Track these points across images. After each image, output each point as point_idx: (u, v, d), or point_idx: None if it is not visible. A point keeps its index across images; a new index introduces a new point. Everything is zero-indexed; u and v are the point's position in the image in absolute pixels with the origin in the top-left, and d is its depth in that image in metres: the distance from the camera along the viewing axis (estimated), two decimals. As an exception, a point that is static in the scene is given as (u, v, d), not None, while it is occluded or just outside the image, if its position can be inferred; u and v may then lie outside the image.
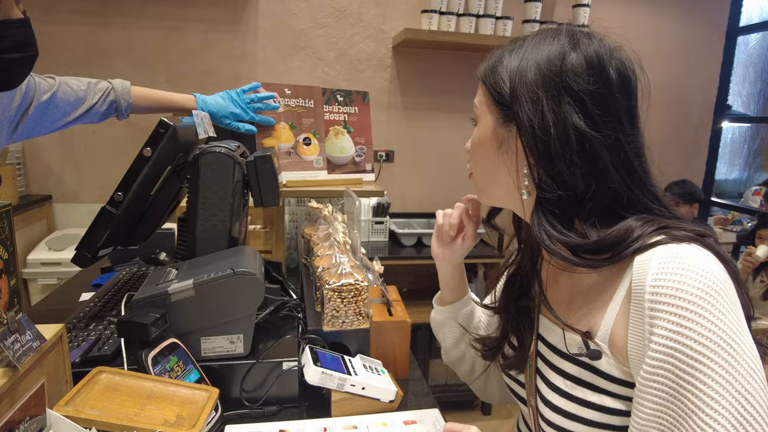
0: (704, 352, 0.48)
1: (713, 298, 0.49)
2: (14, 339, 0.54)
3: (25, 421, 0.54)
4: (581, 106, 0.59)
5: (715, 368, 0.47)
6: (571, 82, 0.59)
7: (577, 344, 0.60)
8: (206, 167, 0.93)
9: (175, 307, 0.80)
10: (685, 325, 0.49)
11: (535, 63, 0.61)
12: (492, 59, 0.66)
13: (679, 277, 0.50)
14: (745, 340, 0.49)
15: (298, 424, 0.82)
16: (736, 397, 0.47)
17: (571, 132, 0.58)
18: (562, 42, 0.62)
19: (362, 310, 0.93)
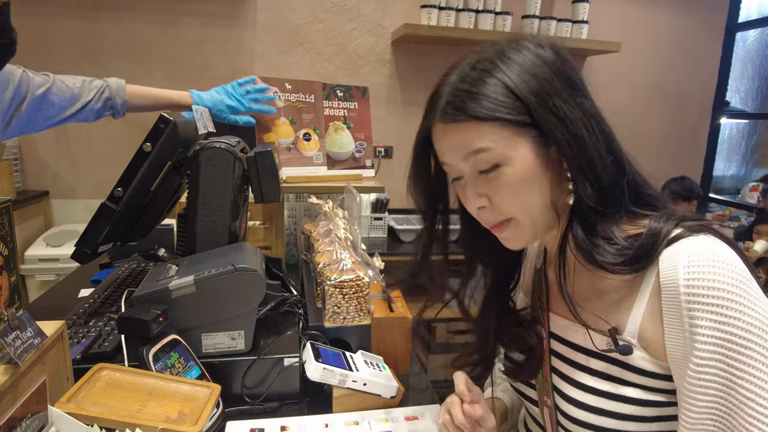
0: (752, 339, 0.49)
1: (746, 287, 0.51)
2: (15, 336, 0.53)
3: (27, 418, 0.53)
4: (584, 94, 0.59)
5: (763, 352, 0.49)
6: (567, 73, 0.58)
7: (605, 340, 0.60)
8: (206, 162, 0.93)
9: (176, 303, 0.80)
10: (728, 315, 0.50)
11: (529, 73, 0.56)
12: (482, 90, 0.56)
13: (712, 269, 0.51)
14: None
15: (299, 420, 0.82)
16: None
17: (592, 121, 0.57)
18: (528, 45, 0.59)
19: (363, 306, 0.93)
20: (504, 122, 0.55)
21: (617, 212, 0.59)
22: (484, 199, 0.60)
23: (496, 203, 0.60)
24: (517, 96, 0.55)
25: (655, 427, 0.58)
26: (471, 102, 0.55)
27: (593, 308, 0.63)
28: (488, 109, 0.55)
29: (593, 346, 0.62)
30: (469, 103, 0.56)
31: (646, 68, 3.11)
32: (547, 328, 0.69)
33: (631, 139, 0.64)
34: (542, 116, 0.55)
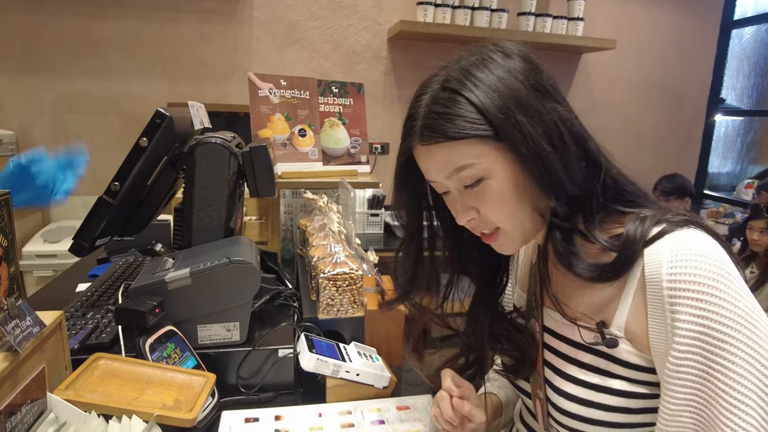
0: (728, 332, 0.50)
1: (728, 280, 0.52)
2: (15, 324, 0.55)
3: (27, 404, 0.55)
4: (555, 98, 0.59)
5: (740, 346, 0.50)
6: (536, 80, 0.58)
7: (593, 334, 0.62)
8: (202, 157, 0.94)
9: (172, 295, 0.82)
10: (707, 309, 0.51)
11: (493, 88, 0.57)
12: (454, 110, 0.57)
13: (693, 263, 0.53)
14: (762, 316, 0.52)
15: (293, 410, 0.83)
16: (762, 371, 0.49)
17: (562, 127, 0.58)
18: (494, 57, 0.59)
19: (357, 298, 0.94)
20: (480, 138, 0.56)
21: (596, 214, 0.61)
22: (472, 212, 0.62)
23: (484, 214, 0.61)
24: (484, 114, 0.55)
25: (640, 418, 0.60)
26: (446, 123, 0.56)
27: (583, 302, 0.64)
28: (462, 128, 0.56)
29: (582, 339, 0.63)
30: (444, 125, 0.57)
31: (641, 65, 3.12)
32: (540, 322, 0.70)
33: (626, 136, 0.65)
34: (507, 134, 0.56)
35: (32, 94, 2.38)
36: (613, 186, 0.62)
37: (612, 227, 0.62)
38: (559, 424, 0.65)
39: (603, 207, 0.62)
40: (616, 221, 0.62)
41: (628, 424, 0.60)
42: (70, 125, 2.46)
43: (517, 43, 0.61)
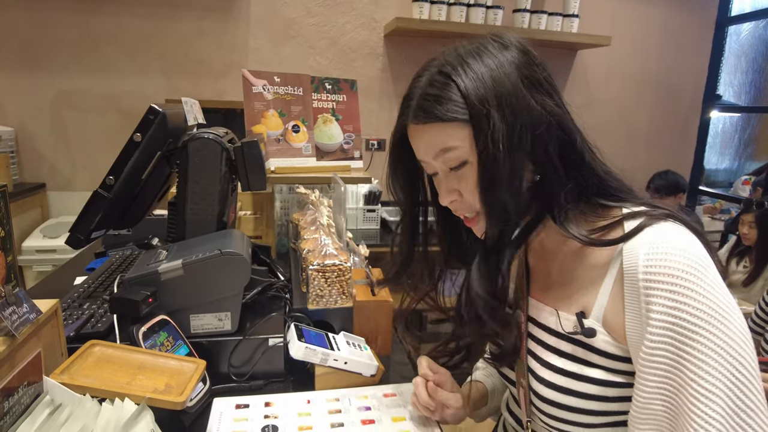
0: (699, 324, 0.52)
1: (701, 273, 0.54)
2: (12, 310, 0.57)
3: (24, 386, 0.58)
4: (548, 92, 0.61)
5: (710, 337, 0.52)
6: (528, 73, 0.60)
7: (572, 323, 0.64)
8: (195, 153, 0.97)
9: (165, 285, 0.84)
10: (680, 300, 0.53)
11: (481, 79, 0.59)
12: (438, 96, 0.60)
13: (669, 255, 0.55)
14: (734, 309, 0.54)
15: (283, 397, 0.86)
16: (730, 362, 0.51)
17: (548, 119, 0.59)
18: (490, 49, 0.61)
19: (345, 289, 0.97)
20: (465, 123, 0.59)
21: (569, 206, 0.62)
22: (455, 194, 0.65)
23: (466, 197, 0.64)
24: (466, 100, 0.58)
25: (616, 406, 0.62)
26: (436, 105, 0.59)
27: (565, 292, 0.67)
28: (449, 111, 0.59)
29: (561, 328, 0.65)
30: (435, 106, 0.60)
31: (636, 62, 3.14)
32: (525, 312, 0.72)
33: (621, 131, 0.67)
34: (478, 124, 0.58)
35: (31, 91, 2.41)
36: (597, 181, 0.64)
37: (595, 221, 0.64)
38: (540, 411, 0.68)
39: (585, 200, 0.64)
40: (599, 215, 0.64)
41: (605, 412, 0.62)
42: (69, 122, 2.48)
43: (518, 36, 0.63)
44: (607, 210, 0.64)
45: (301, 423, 0.80)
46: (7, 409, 0.55)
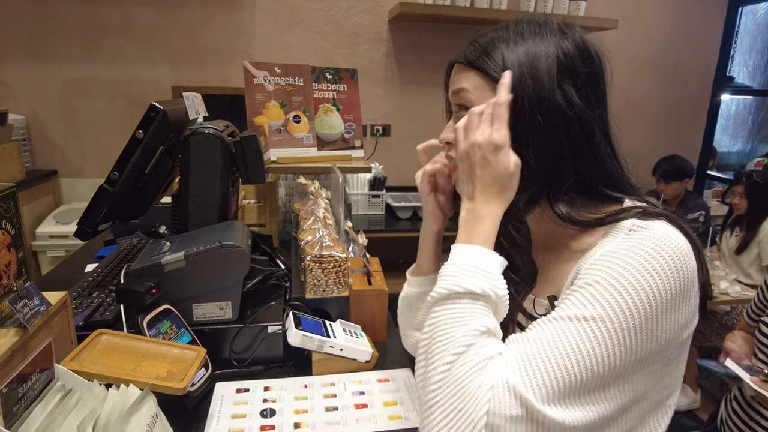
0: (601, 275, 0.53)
1: (661, 257, 0.52)
2: (24, 303, 0.62)
3: (36, 373, 0.62)
4: (578, 87, 0.62)
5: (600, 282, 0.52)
6: (570, 65, 0.62)
7: (544, 307, 0.67)
8: (196, 147, 1.00)
9: (168, 276, 0.88)
10: (611, 260, 0.54)
11: (535, 51, 0.62)
12: (482, 47, 0.64)
13: (642, 241, 0.55)
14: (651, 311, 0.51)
15: (281, 382, 0.91)
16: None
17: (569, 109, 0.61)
18: (554, 32, 0.64)
19: (341, 279, 1.01)
20: (485, 75, 0.63)
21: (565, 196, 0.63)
22: (452, 135, 0.67)
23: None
24: (505, 63, 0.62)
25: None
26: (473, 53, 0.65)
27: (544, 279, 0.69)
28: (477, 61, 0.64)
29: (535, 312, 0.68)
30: (471, 53, 0.65)
31: (644, 45, 3.09)
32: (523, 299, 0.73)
33: (629, 115, 0.68)
34: (522, 84, 0.61)
35: (42, 80, 2.45)
36: (604, 180, 0.65)
37: (590, 215, 0.64)
38: None
39: (586, 194, 0.65)
40: (595, 210, 0.64)
41: None
42: (79, 109, 2.52)
43: (584, 32, 0.65)
44: (605, 206, 0.65)
45: (298, 406, 0.84)
46: (22, 395, 0.60)
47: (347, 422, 0.81)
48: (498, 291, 0.56)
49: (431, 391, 0.52)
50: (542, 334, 0.52)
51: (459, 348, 0.52)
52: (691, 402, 2.41)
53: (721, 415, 1.34)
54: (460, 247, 0.60)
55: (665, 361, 0.55)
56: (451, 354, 0.52)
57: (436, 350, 0.53)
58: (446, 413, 0.50)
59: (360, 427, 0.79)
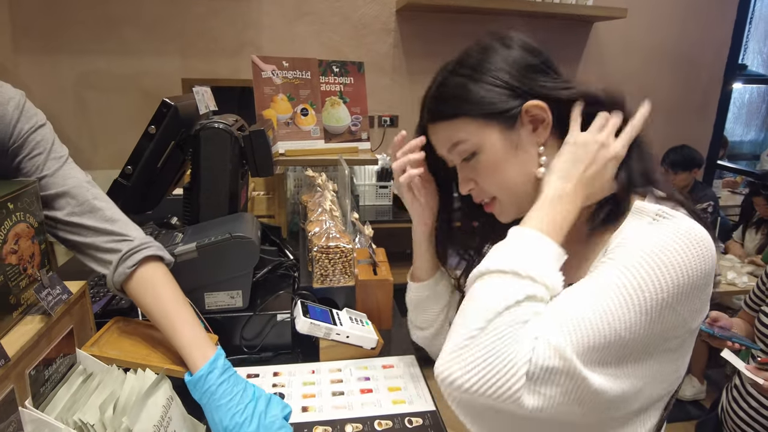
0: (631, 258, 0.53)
1: (690, 242, 0.53)
2: (47, 292, 0.66)
3: (60, 357, 0.66)
4: (544, 77, 0.65)
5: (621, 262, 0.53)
6: (530, 63, 0.64)
7: None
8: (206, 141, 1.03)
9: (181, 266, 0.92)
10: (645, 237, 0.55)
11: (496, 66, 0.64)
12: (452, 95, 0.65)
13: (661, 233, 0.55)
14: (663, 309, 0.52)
15: (290, 368, 0.94)
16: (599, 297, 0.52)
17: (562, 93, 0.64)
18: (496, 48, 0.66)
19: (348, 269, 1.04)
20: (470, 117, 0.64)
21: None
22: (471, 183, 0.69)
23: (481, 185, 0.68)
24: (475, 95, 0.63)
25: None
26: (444, 106, 0.66)
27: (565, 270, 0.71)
28: (454, 107, 0.65)
29: None
30: (443, 107, 0.66)
31: (654, 33, 3.06)
32: None
33: (638, 105, 0.67)
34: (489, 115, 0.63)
35: (54, 73, 2.49)
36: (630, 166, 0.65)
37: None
38: None
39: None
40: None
41: None
42: (91, 102, 2.57)
43: (521, 34, 0.66)
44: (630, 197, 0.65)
45: (306, 391, 0.88)
46: (47, 377, 0.64)
47: (353, 406, 0.84)
48: (547, 280, 0.55)
49: (470, 336, 0.51)
50: (577, 296, 0.54)
51: (507, 302, 0.52)
52: (696, 392, 2.43)
53: (722, 403, 1.36)
54: (524, 231, 0.60)
55: (675, 346, 0.57)
56: (496, 309, 0.52)
57: (479, 307, 0.53)
58: (487, 355, 0.50)
59: (365, 411, 0.83)
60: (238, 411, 0.68)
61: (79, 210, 0.76)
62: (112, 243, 0.77)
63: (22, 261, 0.64)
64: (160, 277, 0.78)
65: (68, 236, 0.76)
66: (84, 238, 0.76)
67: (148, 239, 0.81)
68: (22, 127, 0.73)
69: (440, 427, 0.81)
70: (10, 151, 0.73)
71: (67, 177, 0.77)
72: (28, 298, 0.66)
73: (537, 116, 0.64)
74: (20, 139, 0.73)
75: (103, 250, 0.77)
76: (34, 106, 0.79)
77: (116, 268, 0.75)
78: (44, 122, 0.79)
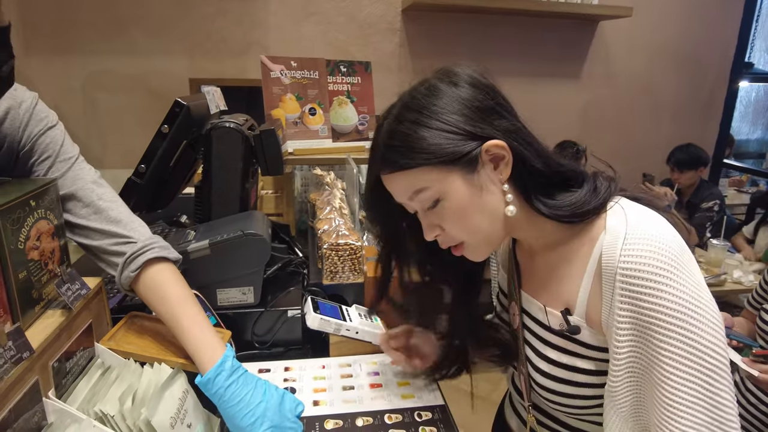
0: (672, 322, 0.54)
1: (677, 269, 0.55)
2: (67, 287, 0.67)
3: (80, 350, 0.68)
4: (497, 114, 0.63)
5: (683, 333, 0.54)
6: (480, 104, 0.62)
7: (558, 320, 0.68)
8: (218, 141, 1.05)
9: (194, 263, 0.94)
10: (648, 300, 0.56)
11: (446, 109, 0.61)
12: (405, 144, 0.62)
13: (645, 254, 0.56)
14: (706, 301, 0.55)
15: (300, 363, 0.96)
16: (702, 356, 0.54)
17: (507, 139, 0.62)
18: (441, 88, 0.63)
19: (357, 266, 1.05)
20: (430, 165, 0.61)
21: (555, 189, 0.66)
22: (437, 229, 0.67)
23: (447, 230, 0.66)
24: (428, 143, 0.61)
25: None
26: (398, 154, 0.62)
27: (550, 288, 0.70)
28: (412, 158, 0.61)
29: (549, 324, 0.69)
30: (397, 155, 0.63)
31: (660, 32, 3.06)
32: (519, 304, 0.76)
33: (644, 104, 0.67)
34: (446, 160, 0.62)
35: (63, 73, 2.52)
36: (549, 179, 0.65)
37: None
38: (540, 395, 0.72)
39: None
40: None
41: (598, 396, 0.66)
42: (100, 102, 2.59)
43: (465, 68, 0.64)
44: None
45: (317, 386, 0.89)
46: (69, 369, 0.66)
47: (363, 400, 0.86)
48: None
49: None
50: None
51: None
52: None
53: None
54: None
55: None
56: None
57: None
58: None
59: (375, 405, 0.84)
60: (249, 412, 0.69)
61: (85, 212, 0.77)
62: (117, 246, 0.77)
63: (43, 257, 0.66)
64: (166, 277, 0.78)
65: (77, 238, 0.77)
66: (92, 241, 0.77)
67: (153, 240, 0.80)
68: (32, 130, 0.74)
69: (449, 421, 0.82)
70: (21, 154, 0.74)
71: (76, 179, 0.78)
72: (48, 293, 0.68)
73: (497, 155, 0.62)
74: (29, 142, 0.74)
75: (109, 253, 0.77)
76: (47, 107, 0.81)
77: (122, 271, 0.76)
78: (55, 123, 0.80)
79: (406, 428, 0.79)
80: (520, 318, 0.75)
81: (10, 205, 0.59)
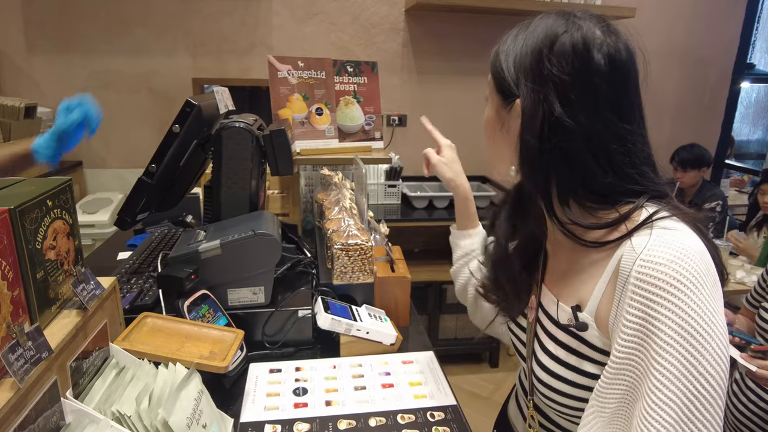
0: (671, 330, 0.51)
1: (691, 287, 0.52)
2: (83, 287, 0.67)
3: (96, 350, 0.68)
4: (562, 93, 0.60)
5: (682, 353, 0.51)
6: (553, 68, 0.60)
7: (568, 315, 0.67)
8: (228, 140, 1.05)
9: (205, 263, 0.94)
10: (658, 311, 0.53)
11: (527, 50, 0.63)
12: (499, 43, 0.69)
13: (662, 267, 0.53)
14: (716, 333, 0.52)
15: (311, 363, 0.96)
16: (693, 382, 0.50)
17: (551, 118, 0.60)
18: (556, 26, 0.63)
19: (367, 266, 1.05)
20: (492, 75, 0.69)
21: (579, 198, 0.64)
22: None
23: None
24: (506, 64, 0.66)
25: None
26: (494, 50, 0.70)
27: (567, 283, 0.69)
28: (492, 60, 0.69)
29: (558, 318, 0.69)
30: (493, 51, 0.70)
31: (662, 33, 3.07)
32: (537, 297, 0.75)
33: (646, 105, 0.63)
34: (509, 87, 0.66)
35: (67, 72, 2.52)
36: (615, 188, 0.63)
37: (602, 216, 0.63)
38: (539, 390, 0.72)
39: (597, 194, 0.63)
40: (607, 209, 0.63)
41: None
42: (103, 101, 2.55)
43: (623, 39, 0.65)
44: (619, 205, 0.63)
45: (328, 386, 0.89)
46: (85, 369, 0.66)
47: (375, 400, 0.86)
48: None
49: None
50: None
51: None
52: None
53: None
54: None
55: None
56: None
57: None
58: None
59: (388, 405, 0.84)
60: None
61: None
62: None
63: (59, 257, 0.66)
64: None
65: None
66: None
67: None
68: None
69: (462, 421, 0.82)
70: None
71: None
72: (64, 293, 0.67)
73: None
74: None
75: None
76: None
77: None
78: None
79: (420, 428, 0.79)
80: (536, 312, 0.74)
81: (28, 205, 0.59)
